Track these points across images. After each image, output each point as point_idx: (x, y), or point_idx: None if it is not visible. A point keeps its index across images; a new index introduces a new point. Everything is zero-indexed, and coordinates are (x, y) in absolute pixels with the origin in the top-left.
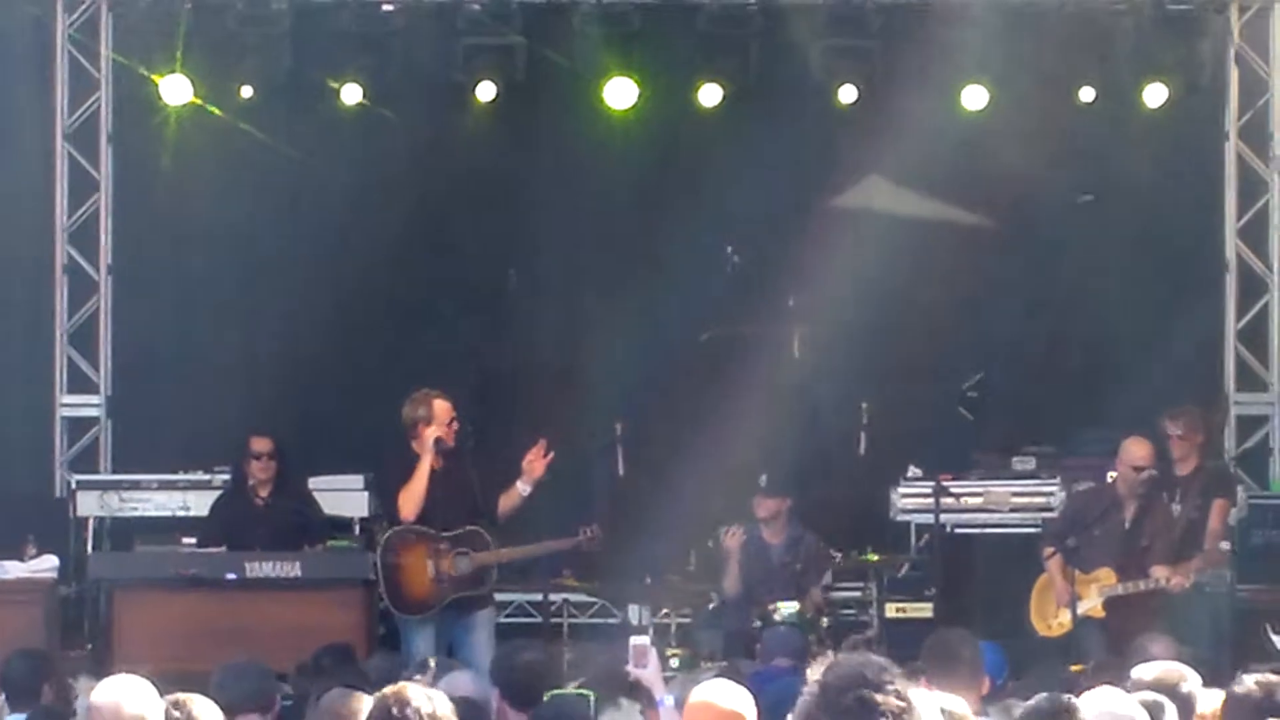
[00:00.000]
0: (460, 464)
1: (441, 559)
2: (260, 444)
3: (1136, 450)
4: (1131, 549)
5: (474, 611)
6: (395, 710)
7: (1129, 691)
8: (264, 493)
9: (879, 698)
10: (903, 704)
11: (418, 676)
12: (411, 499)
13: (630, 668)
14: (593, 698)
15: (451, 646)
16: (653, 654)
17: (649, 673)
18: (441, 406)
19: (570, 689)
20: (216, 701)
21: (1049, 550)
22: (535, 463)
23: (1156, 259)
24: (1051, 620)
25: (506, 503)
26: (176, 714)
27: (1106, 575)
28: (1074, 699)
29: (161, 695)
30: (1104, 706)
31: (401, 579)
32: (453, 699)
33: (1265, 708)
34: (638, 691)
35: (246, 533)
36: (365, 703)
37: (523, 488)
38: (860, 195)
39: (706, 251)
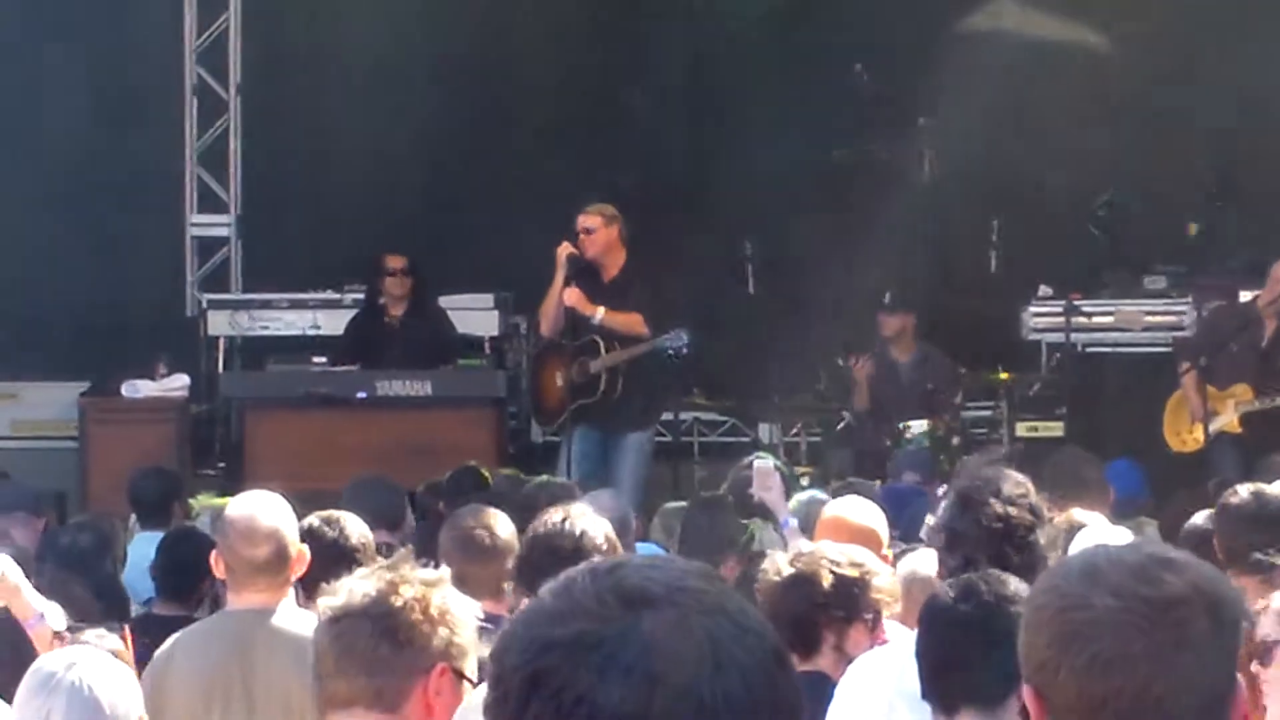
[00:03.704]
0: (629, 275)
1: (567, 368)
2: (395, 261)
3: None
4: (1269, 366)
5: (627, 434)
6: (568, 538)
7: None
8: (397, 311)
9: (1014, 511)
10: (1035, 519)
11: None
12: (544, 316)
13: (754, 490)
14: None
15: (607, 465)
16: (776, 477)
17: (773, 495)
18: (580, 220)
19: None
20: None
21: (1185, 365)
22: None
23: None
24: (1186, 435)
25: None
26: (329, 531)
27: (1243, 391)
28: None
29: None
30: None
31: (540, 391)
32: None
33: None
34: (763, 511)
35: (380, 351)
36: (499, 518)
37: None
38: (990, 16)
39: (836, 70)
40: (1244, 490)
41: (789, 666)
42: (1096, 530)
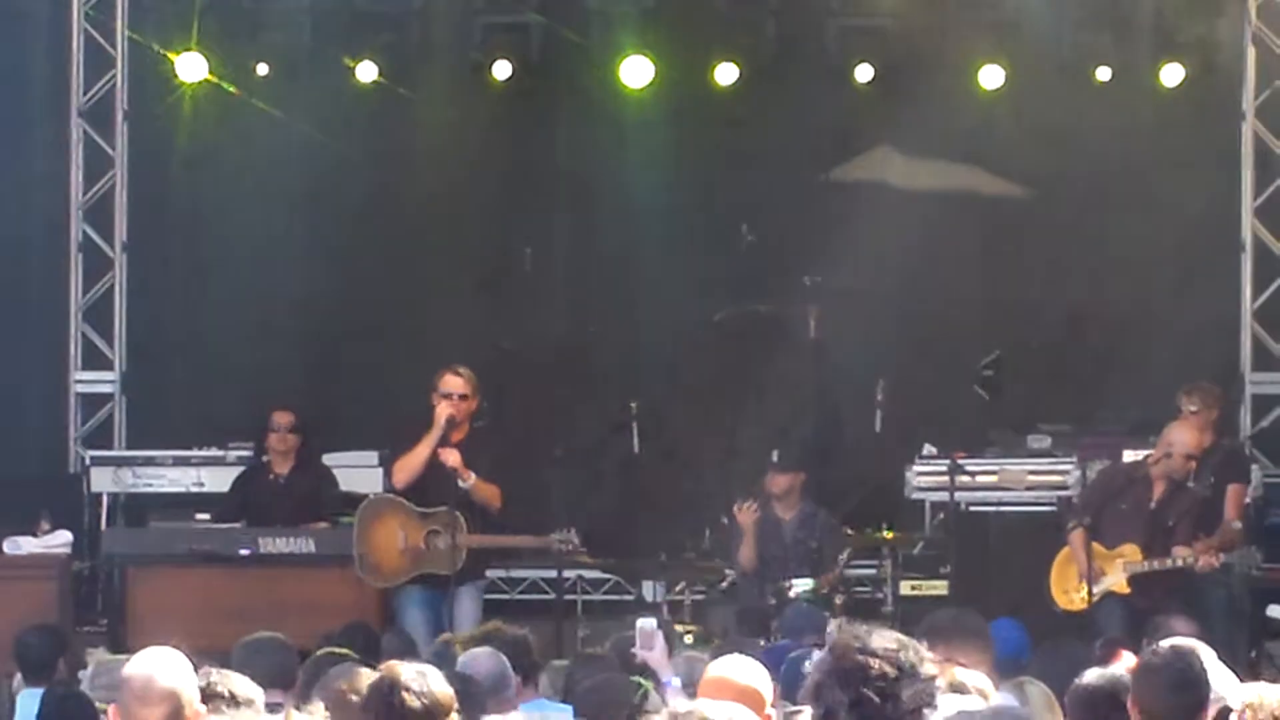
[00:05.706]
0: (474, 445)
1: (412, 533)
2: (282, 417)
3: (1192, 438)
4: (1157, 527)
5: (463, 584)
6: (388, 690)
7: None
8: (282, 469)
9: (874, 663)
10: (897, 672)
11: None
12: (405, 468)
13: (637, 650)
14: (644, 687)
15: (443, 619)
16: (659, 636)
17: (655, 654)
18: (448, 380)
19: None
20: None
21: (1072, 523)
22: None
23: (1173, 238)
24: (1073, 594)
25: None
26: (220, 690)
27: (1131, 552)
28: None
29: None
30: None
31: (371, 546)
32: (477, 675)
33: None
34: (645, 672)
35: (266, 509)
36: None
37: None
38: (871, 167)
39: (722, 230)
40: (1165, 650)
41: None
42: (959, 699)
